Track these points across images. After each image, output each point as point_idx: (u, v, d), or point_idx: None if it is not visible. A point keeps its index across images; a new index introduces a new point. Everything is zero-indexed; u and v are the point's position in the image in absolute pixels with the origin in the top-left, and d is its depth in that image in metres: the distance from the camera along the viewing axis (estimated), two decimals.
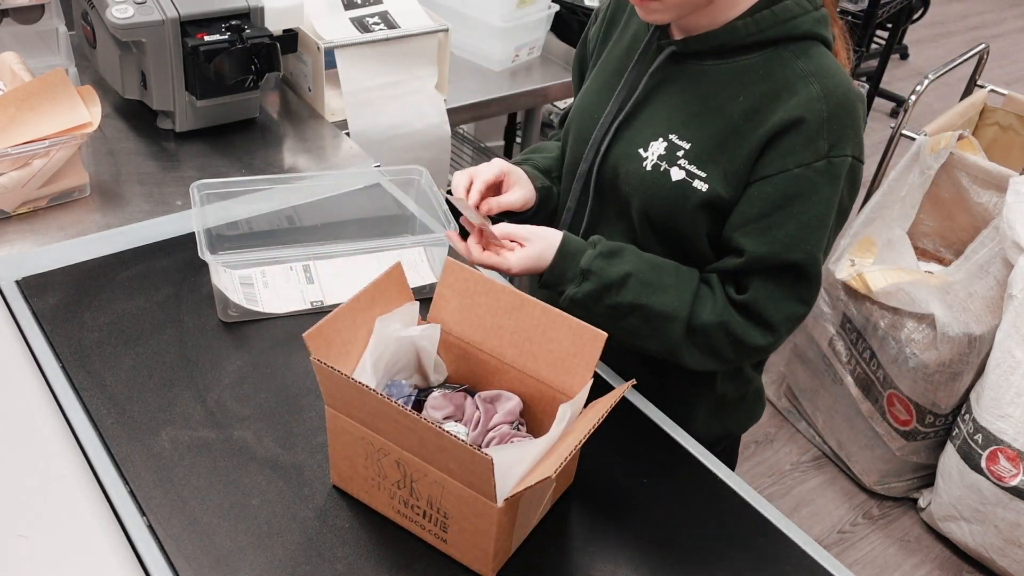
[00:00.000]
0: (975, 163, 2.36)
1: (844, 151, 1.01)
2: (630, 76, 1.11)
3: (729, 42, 1.04)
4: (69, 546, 0.89)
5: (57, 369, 1.08)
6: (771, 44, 1.03)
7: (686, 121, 1.07)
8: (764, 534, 1.01)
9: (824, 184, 1.01)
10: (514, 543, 0.92)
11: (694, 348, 1.07)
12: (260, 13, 1.53)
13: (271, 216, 1.33)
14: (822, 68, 1.02)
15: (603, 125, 1.13)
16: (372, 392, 0.83)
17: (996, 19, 5.49)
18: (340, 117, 1.74)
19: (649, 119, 1.10)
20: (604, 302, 1.06)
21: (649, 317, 1.05)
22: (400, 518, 0.94)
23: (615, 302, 1.06)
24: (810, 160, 1.00)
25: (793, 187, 1.01)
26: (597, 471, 1.04)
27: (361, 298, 0.96)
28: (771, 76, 1.02)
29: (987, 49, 2.64)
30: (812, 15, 1.03)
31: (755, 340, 1.06)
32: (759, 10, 1.02)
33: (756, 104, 1.02)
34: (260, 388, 1.10)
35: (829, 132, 1.00)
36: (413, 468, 0.88)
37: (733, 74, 1.04)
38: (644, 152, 1.09)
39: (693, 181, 1.05)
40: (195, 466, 0.99)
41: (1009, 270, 2.03)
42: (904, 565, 2.18)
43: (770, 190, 1.02)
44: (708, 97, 1.06)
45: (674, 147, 1.06)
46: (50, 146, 1.31)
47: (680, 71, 1.08)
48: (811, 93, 1.00)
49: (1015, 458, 1.95)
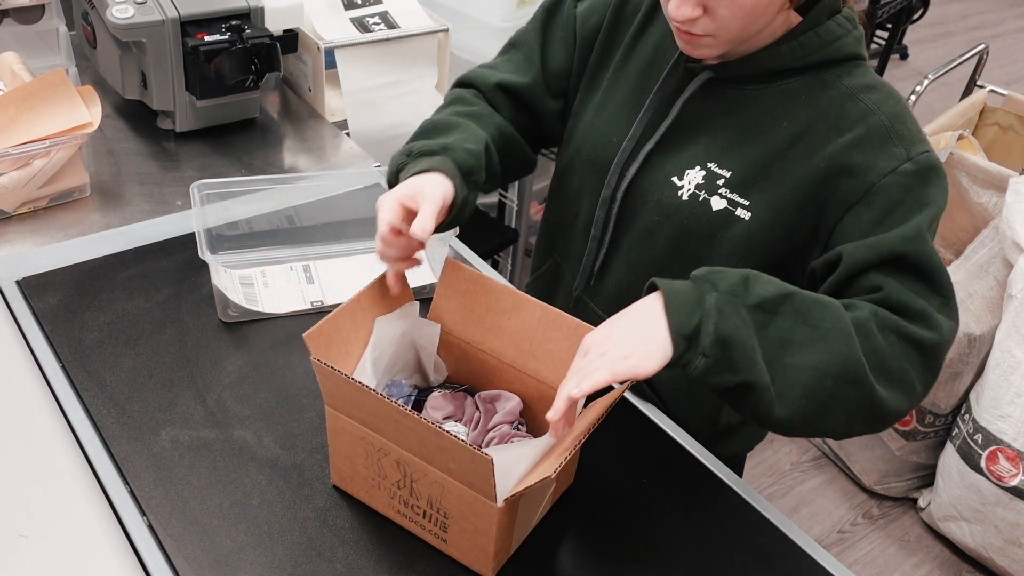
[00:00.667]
0: (975, 163, 2.36)
1: (921, 149, 0.96)
2: (656, 98, 1.05)
3: (772, 67, 0.99)
4: (69, 546, 0.89)
5: (57, 369, 1.08)
6: (813, 68, 0.99)
7: (726, 148, 1.01)
8: (764, 534, 1.01)
9: (917, 185, 0.94)
10: (514, 543, 0.92)
11: (865, 351, 0.87)
12: (260, 13, 1.53)
13: (271, 216, 1.33)
14: (866, 84, 0.98)
15: (626, 150, 1.07)
16: (372, 392, 0.83)
17: (996, 19, 5.48)
18: (340, 117, 1.74)
19: (683, 145, 1.04)
20: (748, 300, 0.85)
21: (804, 307, 0.87)
22: (400, 518, 0.94)
23: (760, 295, 0.86)
24: (894, 166, 0.94)
25: (887, 198, 0.94)
26: (597, 471, 1.04)
27: (361, 298, 0.96)
28: (816, 100, 0.98)
29: (987, 49, 2.64)
30: (853, 34, 1.00)
31: (925, 335, 0.89)
32: (800, 33, 0.98)
33: (802, 129, 0.98)
34: (260, 388, 1.10)
35: (899, 137, 0.95)
36: (413, 468, 0.88)
37: (775, 99, 1.00)
38: (679, 180, 1.03)
39: (736, 210, 1.00)
40: (195, 466, 0.99)
41: (1009, 270, 2.03)
42: (904, 565, 2.18)
43: (865, 212, 0.95)
44: (748, 124, 1.01)
45: (713, 175, 1.01)
46: (50, 146, 1.31)
47: (716, 96, 1.02)
48: (862, 109, 0.97)
49: (1015, 458, 1.95)
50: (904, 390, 0.90)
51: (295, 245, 1.31)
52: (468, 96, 1.16)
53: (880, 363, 0.88)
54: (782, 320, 0.86)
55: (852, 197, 0.95)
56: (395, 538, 0.94)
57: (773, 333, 0.85)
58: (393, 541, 0.94)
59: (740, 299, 0.85)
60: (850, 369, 0.86)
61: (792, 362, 0.85)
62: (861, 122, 0.96)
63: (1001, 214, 2.06)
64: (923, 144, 0.96)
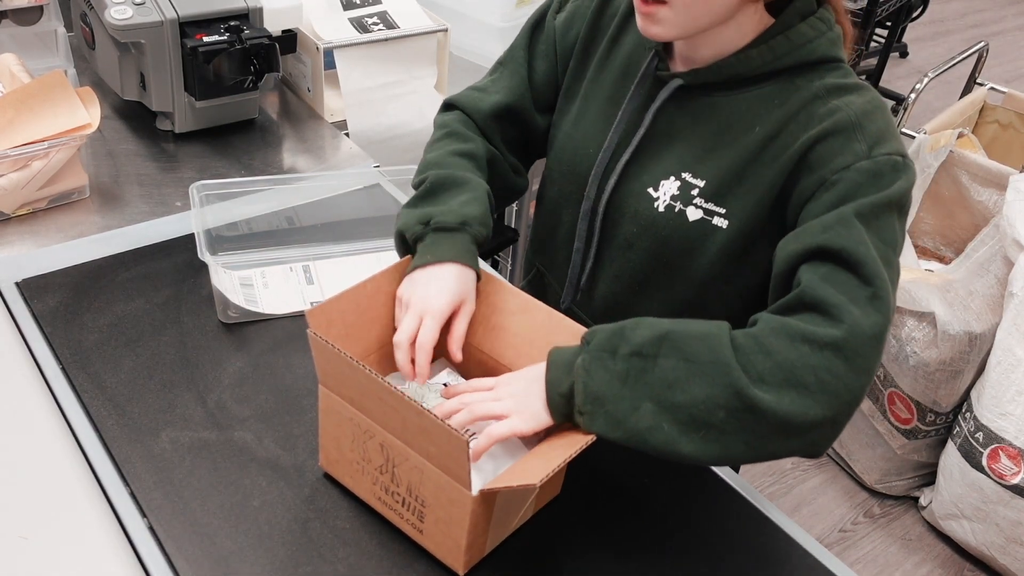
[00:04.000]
0: (975, 161, 2.36)
1: (886, 149, 0.91)
2: (629, 108, 1.04)
3: (743, 73, 0.97)
4: (69, 547, 0.89)
5: (57, 371, 1.08)
6: (785, 72, 0.97)
7: (700, 157, 1.00)
8: (765, 533, 1.01)
9: (868, 183, 0.90)
10: (489, 543, 0.92)
11: (758, 372, 0.84)
12: (259, 14, 1.53)
13: (271, 217, 1.33)
14: (838, 85, 0.96)
15: (603, 161, 1.06)
16: (361, 367, 0.83)
17: (995, 17, 5.48)
18: (339, 117, 1.74)
19: (657, 156, 1.03)
20: (620, 350, 0.87)
21: (682, 342, 0.86)
22: (380, 505, 0.95)
23: (635, 342, 0.87)
24: (850, 162, 0.90)
25: (835, 194, 0.90)
26: (598, 471, 1.04)
27: (368, 284, 0.97)
28: (787, 103, 0.96)
29: (987, 47, 2.64)
30: (827, 36, 0.97)
31: (821, 331, 0.84)
32: (770, 37, 0.96)
33: (773, 131, 0.96)
34: (260, 389, 1.10)
35: (864, 134, 0.92)
36: (395, 452, 0.88)
37: (747, 105, 0.98)
38: (655, 192, 1.03)
39: (712, 219, 0.99)
40: (195, 467, 0.99)
41: (1009, 268, 2.03)
42: (905, 564, 2.18)
43: (814, 207, 0.91)
44: (721, 132, 0.99)
45: (688, 186, 1.00)
46: (49, 147, 1.31)
47: (688, 104, 1.01)
48: (831, 107, 0.94)
49: (1016, 456, 1.95)
50: (826, 395, 0.84)
51: (295, 246, 1.31)
52: (461, 128, 1.14)
53: (789, 376, 0.83)
54: (665, 360, 0.85)
55: (807, 192, 0.93)
56: (395, 539, 0.94)
57: (658, 375, 0.85)
58: (393, 542, 0.94)
59: (610, 353, 0.86)
60: (737, 398, 0.83)
61: (682, 399, 0.84)
62: (828, 118, 0.93)
63: (1001, 212, 2.06)
64: (890, 144, 0.92)
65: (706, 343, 0.86)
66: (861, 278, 0.86)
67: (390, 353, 1.01)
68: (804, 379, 0.83)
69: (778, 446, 0.85)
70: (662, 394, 0.84)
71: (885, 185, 0.90)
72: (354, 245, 1.30)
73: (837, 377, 0.84)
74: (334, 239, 1.31)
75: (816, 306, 0.86)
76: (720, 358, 0.84)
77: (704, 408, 0.83)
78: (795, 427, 0.83)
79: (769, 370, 0.84)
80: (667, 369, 0.85)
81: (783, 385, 0.83)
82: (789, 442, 0.85)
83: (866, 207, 0.89)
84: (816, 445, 0.86)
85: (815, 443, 0.86)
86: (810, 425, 0.84)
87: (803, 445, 0.85)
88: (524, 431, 0.88)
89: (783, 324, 0.86)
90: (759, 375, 0.84)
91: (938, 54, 4.76)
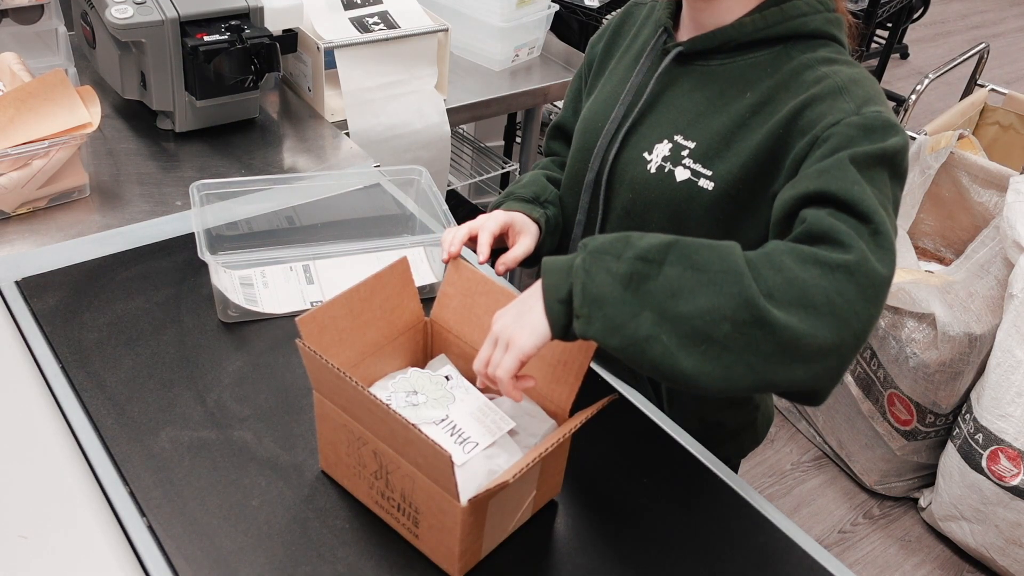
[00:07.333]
0: (975, 162, 2.36)
1: (875, 107, 0.92)
2: (635, 82, 1.10)
3: (736, 38, 1.02)
4: (69, 547, 0.89)
5: (57, 370, 1.08)
6: (779, 42, 1.01)
7: (692, 121, 1.04)
8: (764, 534, 1.01)
9: (860, 135, 0.90)
10: (485, 546, 0.92)
11: (768, 287, 0.81)
12: (260, 13, 1.53)
13: (271, 216, 1.33)
14: (829, 57, 0.99)
15: (607, 133, 1.10)
16: (348, 379, 0.83)
17: (996, 18, 5.49)
18: (340, 117, 1.74)
19: (655, 122, 1.07)
20: (625, 254, 0.83)
21: (691, 251, 0.83)
22: (378, 509, 0.95)
23: (640, 247, 0.84)
24: (839, 119, 0.92)
25: (828, 147, 0.91)
26: (597, 470, 1.04)
27: (361, 288, 0.97)
28: (778, 71, 1.00)
29: (987, 48, 2.64)
30: (823, 15, 1.01)
31: (833, 255, 0.83)
32: (766, 8, 1.01)
33: (763, 98, 1.00)
34: (260, 388, 1.10)
35: (851, 96, 0.93)
36: (388, 459, 0.88)
37: (740, 72, 1.03)
38: (648, 155, 1.06)
39: (699, 180, 1.01)
40: (195, 466, 0.99)
41: (1010, 269, 2.03)
42: (905, 565, 2.18)
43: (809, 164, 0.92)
44: (714, 96, 1.03)
45: (679, 147, 1.04)
46: (50, 146, 1.31)
47: (686, 72, 1.06)
48: (819, 74, 0.97)
49: (1016, 458, 1.95)
50: (835, 318, 0.81)
51: (295, 245, 1.31)
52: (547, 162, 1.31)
53: (800, 294, 0.81)
54: (670, 268, 0.82)
55: (802, 153, 0.94)
56: (395, 539, 0.94)
57: (662, 283, 0.82)
58: (393, 542, 0.94)
59: (614, 256, 0.83)
60: (747, 309, 0.80)
61: (686, 310, 0.80)
62: (816, 84, 0.96)
63: (1002, 213, 2.06)
64: (877, 105, 0.93)
65: (716, 252, 0.83)
66: (859, 217, 0.86)
67: (387, 355, 1.01)
68: (815, 299, 0.81)
69: (782, 373, 0.81)
70: (665, 303, 0.81)
71: (877, 139, 0.90)
72: (354, 245, 1.30)
73: (848, 301, 0.81)
74: (334, 239, 1.31)
75: (824, 237, 0.85)
76: (732, 267, 0.82)
77: (708, 320, 0.80)
78: (801, 350, 0.80)
79: (779, 286, 0.81)
80: (672, 277, 0.82)
81: (793, 303, 0.81)
82: (793, 368, 0.81)
83: (860, 155, 0.88)
84: (819, 380, 0.83)
85: (818, 377, 0.83)
86: (816, 350, 0.81)
87: (807, 377, 0.82)
88: (528, 350, 0.85)
89: (794, 247, 0.84)
90: (768, 290, 0.81)
91: (939, 55, 4.76)
